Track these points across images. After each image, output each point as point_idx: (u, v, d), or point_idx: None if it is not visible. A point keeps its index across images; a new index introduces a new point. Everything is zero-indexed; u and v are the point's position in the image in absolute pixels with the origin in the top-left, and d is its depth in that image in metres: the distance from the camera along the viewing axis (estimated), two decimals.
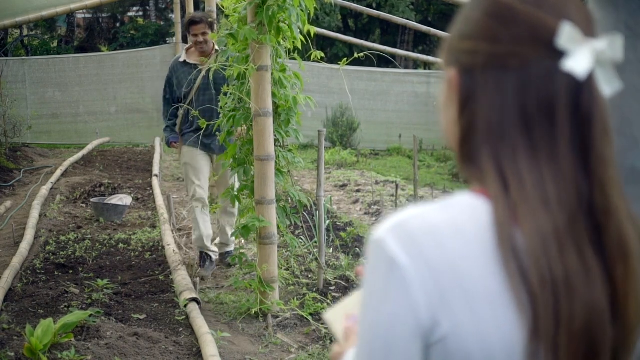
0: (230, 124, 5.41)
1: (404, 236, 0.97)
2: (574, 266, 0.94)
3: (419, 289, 0.95)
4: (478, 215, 0.98)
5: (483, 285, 0.95)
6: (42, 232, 7.54)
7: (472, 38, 1.03)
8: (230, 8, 5.30)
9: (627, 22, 1.05)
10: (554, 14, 0.98)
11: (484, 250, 0.96)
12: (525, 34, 0.99)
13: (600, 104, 0.98)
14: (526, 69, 0.99)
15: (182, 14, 11.05)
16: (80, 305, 5.28)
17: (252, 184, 5.33)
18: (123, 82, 14.89)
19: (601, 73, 0.98)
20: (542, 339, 0.93)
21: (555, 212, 0.95)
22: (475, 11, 1.05)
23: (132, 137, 14.62)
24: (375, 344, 0.97)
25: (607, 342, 0.95)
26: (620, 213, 0.97)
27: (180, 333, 4.94)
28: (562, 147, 0.97)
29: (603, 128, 0.98)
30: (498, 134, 1.00)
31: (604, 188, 0.97)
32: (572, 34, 0.96)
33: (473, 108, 1.03)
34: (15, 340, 4.62)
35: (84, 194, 9.61)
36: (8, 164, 11.49)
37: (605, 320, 0.94)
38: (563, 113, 0.97)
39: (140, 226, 8.10)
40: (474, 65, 1.03)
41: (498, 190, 0.98)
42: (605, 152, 0.97)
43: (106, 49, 21.91)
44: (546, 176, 0.96)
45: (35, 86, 14.68)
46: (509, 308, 0.94)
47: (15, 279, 5.93)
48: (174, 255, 6.39)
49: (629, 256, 0.96)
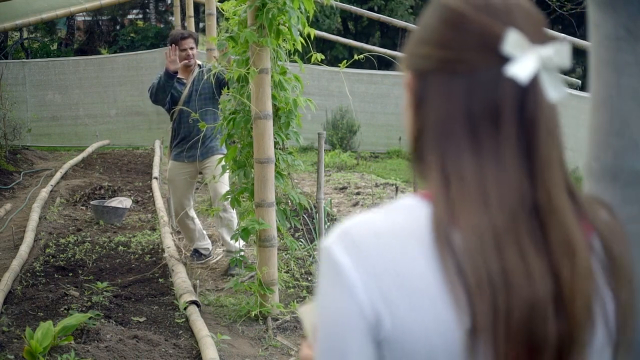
0: (230, 126, 5.41)
1: (348, 242, 1.02)
2: (513, 264, 0.96)
3: (362, 289, 0.99)
4: (418, 216, 1.02)
5: (422, 283, 0.98)
6: (42, 235, 7.54)
7: (427, 43, 1.07)
8: (230, 11, 5.31)
9: (626, 24, 1.05)
10: (502, 21, 1.02)
11: (423, 250, 0.99)
12: (473, 40, 1.02)
13: (545, 108, 1.01)
14: (474, 74, 1.02)
15: (182, 16, 11.05)
16: (80, 307, 5.28)
17: (252, 186, 5.33)
18: (123, 85, 14.89)
19: (547, 78, 1.01)
20: (480, 335, 0.96)
21: (495, 212, 0.98)
22: (431, 18, 1.09)
23: (132, 140, 14.62)
24: (330, 343, 1.02)
25: (550, 337, 0.97)
26: (566, 213, 1.00)
27: (180, 336, 4.94)
28: (507, 150, 1.00)
29: (548, 131, 1.01)
30: (445, 136, 1.04)
31: (548, 189, 1.00)
32: (517, 40, 1.00)
33: (425, 110, 1.07)
34: (15, 342, 4.62)
35: (83, 196, 9.60)
36: (8, 167, 11.49)
37: (547, 316, 0.97)
38: (508, 117, 1.00)
39: (140, 229, 8.10)
40: (427, 70, 1.07)
41: (439, 190, 1.02)
42: (549, 154, 1.01)
43: (106, 51, 21.94)
44: (488, 177, 1.00)
45: (35, 89, 14.68)
46: (449, 305, 0.97)
47: (15, 281, 5.93)
48: (174, 257, 6.39)
49: (575, 254, 0.99)
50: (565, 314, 0.98)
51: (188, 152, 6.45)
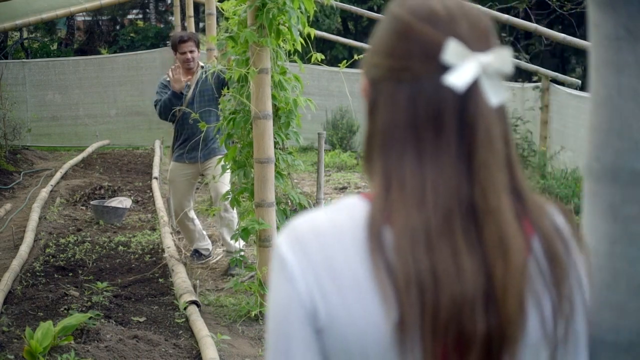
0: (230, 126, 5.42)
1: (293, 238, 1.10)
2: (444, 262, 1.02)
3: (302, 281, 1.07)
4: (356, 215, 1.08)
5: (354, 278, 1.05)
6: (42, 235, 7.54)
7: (377, 53, 1.14)
8: (230, 11, 5.31)
9: (627, 24, 1.05)
10: (444, 31, 1.08)
11: (357, 246, 1.06)
12: (417, 50, 1.08)
13: (485, 114, 1.06)
14: (417, 83, 1.08)
15: (182, 16, 11.05)
16: (80, 307, 5.29)
17: (252, 186, 5.33)
18: (123, 85, 14.88)
19: (488, 84, 1.06)
20: (407, 330, 1.01)
21: (430, 212, 1.03)
22: (382, 28, 1.15)
23: (132, 140, 14.62)
24: (277, 331, 1.10)
25: (479, 333, 1.02)
26: (503, 213, 1.04)
27: (180, 336, 4.94)
28: (446, 154, 1.06)
29: (487, 136, 1.06)
30: (390, 141, 1.10)
31: (485, 191, 1.05)
32: (456, 49, 1.05)
33: (375, 116, 1.14)
34: (15, 342, 4.62)
35: (83, 196, 9.61)
36: (8, 167, 11.49)
37: (477, 312, 1.02)
38: (448, 123, 1.06)
39: (140, 229, 8.10)
40: (378, 78, 1.13)
41: (380, 191, 1.08)
42: (487, 157, 1.05)
43: (106, 51, 21.92)
44: (427, 180, 1.05)
45: (35, 89, 14.68)
46: (377, 301, 1.03)
47: (15, 281, 5.93)
48: (174, 257, 6.39)
49: (509, 253, 1.03)
50: (497, 311, 1.02)
51: (190, 154, 6.45)
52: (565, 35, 10.36)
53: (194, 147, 6.33)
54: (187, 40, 6.42)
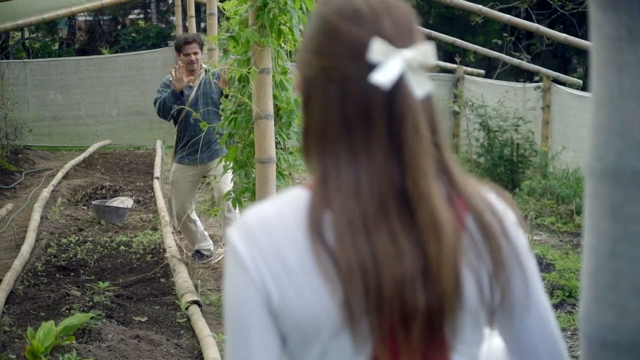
0: (231, 126, 5.42)
1: (243, 230, 1.18)
2: (383, 245, 1.10)
3: (254, 269, 1.15)
4: (300, 205, 1.16)
5: (302, 264, 1.13)
6: (44, 235, 7.55)
7: (309, 52, 1.21)
8: (232, 10, 5.31)
9: (628, 24, 1.05)
10: (369, 31, 1.14)
11: (302, 234, 1.14)
12: (344, 50, 1.15)
13: (411, 106, 1.14)
14: (346, 81, 1.15)
15: (184, 16, 11.06)
16: (82, 307, 5.29)
17: (253, 186, 5.33)
18: (124, 85, 14.88)
19: (412, 78, 1.13)
20: (353, 309, 1.10)
21: (366, 200, 1.12)
22: (312, 28, 1.22)
23: (134, 140, 14.61)
24: (235, 318, 1.17)
25: (420, 307, 1.11)
26: (433, 198, 1.13)
27: (182, 336, 4.94)
28: (377, 146, 1.13)
29: (414, 127, 1.13)
30: (324, 136, 1.18)
31: (415, 178, 1.12)
32: (381, 48, 1.12)
33: (309, 111, 1.21)
34: (16, 342, 4.62)
35: (85, 196, 9.61)
36: (9, 167, 11.50)
37: (416, 289, 1.11)
38: (378, 117, 1.13)
39: (142, 229, 8.11)
40: (310, 76, 1.20)
41: (318, 182, 1.16)
42: (415, 147, 1.13)
43: (107, 51, 21.92)
44: (361, 170, 1.13)
45: (36, 89, 14.68)
46: (324, 283, 1.12)
47: (16, 281, 5.94)
48: (175, 257, 6.40)
49: (441, 234, 1.12)
50: (433, 286, 1.12)
51: (192, 156, 6.44)
52: (566, 35, 10.36)
53: (196, 149, 6.32)
54: (192, 42, 6.41)
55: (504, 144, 10.81)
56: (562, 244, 7.72)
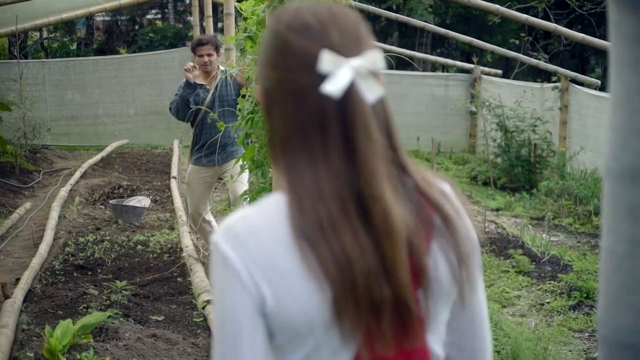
0: (248, 126, 5.42)
1: (230, 236, 1.22)
2: (349, 243, 1.17)
3: (246, 275, 1.19)
4: (280, 209, 1.22)
5: (291, 266, 1.19)
6: (61, 234, 7.59)
7: (265, 65, 1.27)
8: (249, 11, 5.31)
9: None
10: (318, 42, 1.20)
11: (288, 236, 1.20)
12: (297, 62, 1.21)
13: (362, 111, 1.20)
14: (301, 91, 1.21)
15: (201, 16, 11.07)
16: (99, 306, 5.31)
17: (270, 186, 5.33)
18: (142, 85, 14.94)
19: (362, 84, 1.19)
20: (340, 303, 1.17)
21: (329, 202, 1.18)
22: (266, 43, 1.28)
23: (151, 139, 14.67)
24: (225, 324, 1.21)
25: (385, 299, 1.19)
26: (386, 198, 1.19)
27: (199, 335, 4.96)
28: (334, 152, 1.20)
29: (365, 131, 1.19)
30: (286, 144, 1.24)
31: (368, 180, 1.19)
32: (330, 59, 1.18)
33: (270, 122, 1.28)
34: (34, 340, 4.65)
35: (102, 195, 9.66)
36: (28, 166, 11.57)
37: (381, 282, 1.18)
38: (332, 125, 1.19)
39: (159, 228, 8.14)
40: (269, 88, 1.26)
41: (288, 187, 1.23)
42: (367, 151, 1.19)
43: (125, 51, 22.03)
44: (321, 174, 1.19)
45: (54, 88, 14.76)
46: (313, 282, 1.18)
47: (34, 280, 5.98)
48: (192, 257, 6.41)
49: (393, 232, 1.18)
50: (393, 280, 1.19)
51: (208, 157, 6.42)
52: (584, 35, 10.29)
53: (212, 151, 6.31)
54: (206, 43, 6.37)
55: (521, 145, 10.77)
56: (579, 245, 7.67)
